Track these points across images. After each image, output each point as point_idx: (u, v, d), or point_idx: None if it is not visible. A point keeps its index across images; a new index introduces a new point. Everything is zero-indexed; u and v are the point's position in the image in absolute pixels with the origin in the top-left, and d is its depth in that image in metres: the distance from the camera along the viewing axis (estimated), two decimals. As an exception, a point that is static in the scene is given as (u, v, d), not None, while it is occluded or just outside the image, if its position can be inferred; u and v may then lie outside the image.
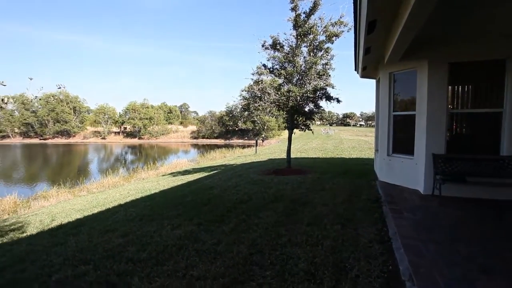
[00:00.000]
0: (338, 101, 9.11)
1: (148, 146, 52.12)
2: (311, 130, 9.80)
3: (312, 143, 25.25)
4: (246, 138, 52.80)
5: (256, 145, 23.75)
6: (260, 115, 38.97)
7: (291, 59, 8.87)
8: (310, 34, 8.57)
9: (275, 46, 9.02)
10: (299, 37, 8.69)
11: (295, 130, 9.93)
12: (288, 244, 3.48)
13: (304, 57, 8.98)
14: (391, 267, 2.80)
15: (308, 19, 8.45)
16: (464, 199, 4.97)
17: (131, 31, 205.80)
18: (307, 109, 9.60)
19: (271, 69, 9.29)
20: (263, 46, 9.16)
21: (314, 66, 8.68)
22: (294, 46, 8.87)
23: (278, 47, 9.01)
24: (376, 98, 7.78)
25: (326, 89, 9.10)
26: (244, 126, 50.55)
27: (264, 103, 9.34)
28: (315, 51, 8.88)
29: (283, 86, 9.31)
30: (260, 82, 9.62)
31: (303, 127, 9.64)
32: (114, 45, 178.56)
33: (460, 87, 5.48)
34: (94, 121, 66.27)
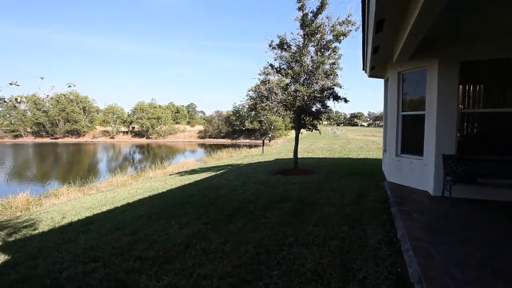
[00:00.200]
0: (346, 100, 9.05)
1: (156, 146, 52.63)
2: (318, 130, 9.74)
3: (319, 143, 25.08)
4: (253, 138, 52.81)
5: (263, 145, 23.68)
6: (267, 115, 39.05)
7: (298, 58, 8.83)
8: (317, 33, 8.50)
9: (282, 45, 8.99)
10: (306, 36, 8.63)
11: (302, 130, 9.88)
12: (295, 244, 3.47)
13: (311, 56, 8.93)
14: (399, 269, 2.76)
15: (315, 18, 8.39)
16: (476, 200, 4.87)
17: (139, 31, 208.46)
18: (314, 109, 9.55)
19: (278, 68, 9.26)
20: (270, 46, 9.13)
21: (321, 66, 8.63)
22: (301, 45, 8.81)
23: (285, 46, 8.97)
24: (385, 98, 7.69)
25: (333, 88, 9.04)
26: (250, 126, 50.68)
27: (271, 103, 9.33)
28: (322, 50, 8.82)
29: (290, 85, 9.28)
30: (267, 82, 9.61)
31: (310, 127, 9.58)
32: (123, 46, 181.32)
33: (471, 86, 5.36)
34: (103, 120, 67.34)
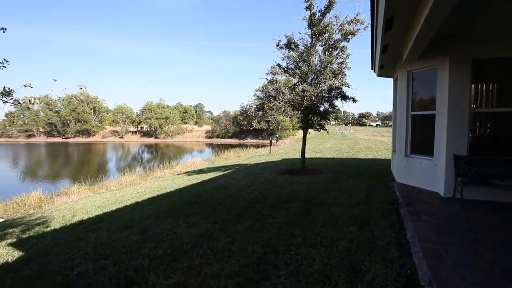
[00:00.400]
0: (354, 100, 8.96)
1: (164, 146, 53.21)
2: (326, 130, 9.67)
3: (327, 143, 24.90)
4: (260, 138, 52.79)
5: (270, 144, 23.66)
6: (274, 115, 39.01)
7: (306, 58, 8.78)
8: (325, 32, 8.44)
9: (289, 45, 8.95)
10: (314, 36, 8.57)
11: (309, 130, 9.83)
12: (303, 244, 3.45)
13: (319, 56, 8.87)
14: (409, 271, 2.72)
15: (323, 17, 8.34)
16: (487, 202, 4.75)
17: (139, 31, 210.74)
18: (322, 108, 9.49)
19: (286, 68, 9.23)
20: (277, 46, 9.10)
21: (329, 65, 8.56)
22: (309, 45, 8.76)
23: (293, 46, 8.93)
24: (394, 97, 7.58)
25: (341, 88, 8.96)
26: (258, 126, 50.63)
27: (279, 102, 9.31)
28: (330, 50, 8.75)
29: (297, 85, 9.23)
30: (274, 82, 9.59)
31: (317, 127, 9.52)
32: (133, 47, 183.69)
33: (484, 85, 5.23)
34: (113, 120, 68.55)
